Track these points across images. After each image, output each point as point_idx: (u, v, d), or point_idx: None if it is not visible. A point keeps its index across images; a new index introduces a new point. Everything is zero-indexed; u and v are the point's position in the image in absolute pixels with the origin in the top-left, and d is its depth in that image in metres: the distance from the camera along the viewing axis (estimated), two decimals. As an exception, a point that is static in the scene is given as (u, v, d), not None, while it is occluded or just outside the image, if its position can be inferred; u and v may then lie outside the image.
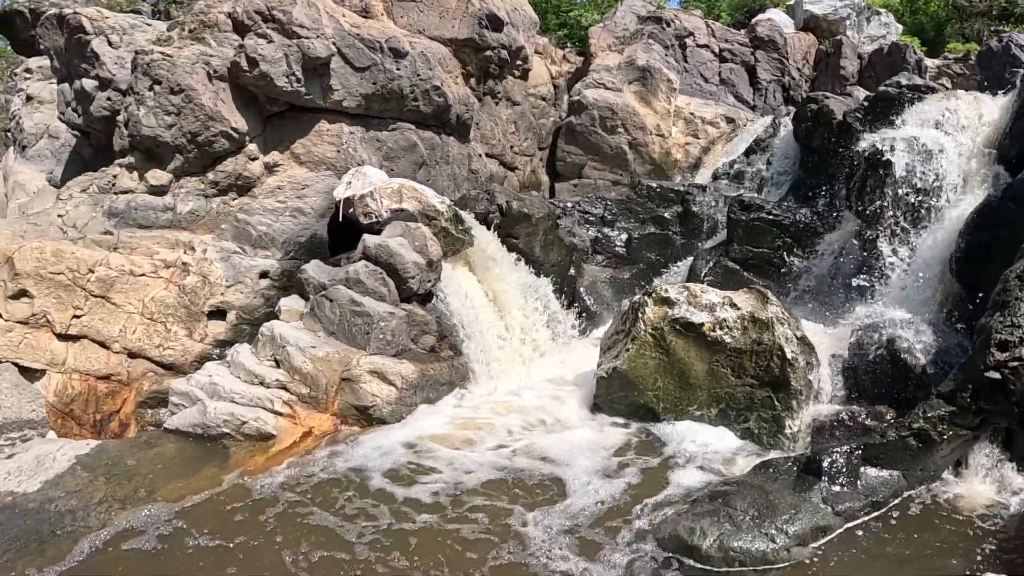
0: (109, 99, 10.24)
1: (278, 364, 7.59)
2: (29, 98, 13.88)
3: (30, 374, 8.47)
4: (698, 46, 15.22)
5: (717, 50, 15.39)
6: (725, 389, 6.85)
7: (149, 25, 11.42)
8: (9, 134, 14.77)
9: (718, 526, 4.90)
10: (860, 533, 5.11)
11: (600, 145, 13.08)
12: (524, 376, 8.65)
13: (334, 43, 9.39)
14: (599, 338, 9.77)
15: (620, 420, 7.22)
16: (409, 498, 5.87)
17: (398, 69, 9.78)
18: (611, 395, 7.31)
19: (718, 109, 14.44)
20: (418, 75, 9.92)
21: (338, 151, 9.45)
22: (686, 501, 5.46)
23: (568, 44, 15.77)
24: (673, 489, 5.79)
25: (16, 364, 8.43)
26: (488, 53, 11.23)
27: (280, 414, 7.26)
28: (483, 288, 9.03)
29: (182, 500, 5.99)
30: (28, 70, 14.52)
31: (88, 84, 10.47)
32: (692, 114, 14.07)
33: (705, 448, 6.55)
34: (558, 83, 13.96)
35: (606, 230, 11.41)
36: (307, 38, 9.16)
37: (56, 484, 6.31)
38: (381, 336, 7.72)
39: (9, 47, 17.49)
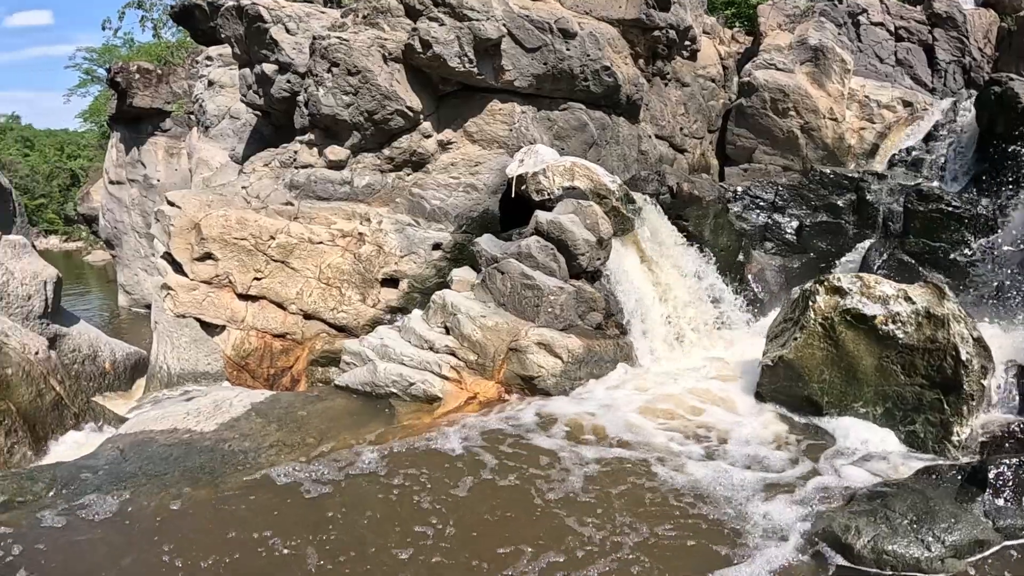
0: (288, 81, 10.74)
1: (448, 331, 7.74)
2: (210, 83, 14.83)
3: (210, 329, 9.15)
4: (872, 24, 14.24)
5: (892, 28, 14.34)
6: (893, 387, 6.43)
7: (323, 12, 11.88)
8: (193, 116, 15.87)
9: (874, 527, 4.69)
10: (1019, 553, 4.68)
11: (771, 128, 12.50)
12: (687, 359, 8.47)
13: (504, 24, 9.42)
14: (764, 327, 9.39)
15: (782, 410, 6.95)
16: (569, 465, 5.85)
17: (568, 50, 9.71)
18: (775, 384, 7.05)
19: (894, 92, 13.50)
20: (587, 55, 9.81)
21: (510, 130, 9.51)
22: (843, 498, 5.26)
23: (736, 24, 15.13)
24: (831, 485, 5.55)
25: (198, 320, 9.13)
26: (656, 33, 10.98)
27: (447, 378, 7.42)
28: (650, 269, 8.85)
29: (349, 449, 6.19)
30: (209, 57, 15.52)
31: (268, 68, 11.03)
32: (867, 97, 13.21)
33: (866, 447, 6.23)
34: (727, 64, 13.46)
35: (776, 216, 10.95)
36: (477, 20, 9.23)
37: (231, 426, 6.74)
38: (550, 310, 7.69)
39: (189, 38, 18.75)
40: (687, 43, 11.81)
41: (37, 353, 8.40)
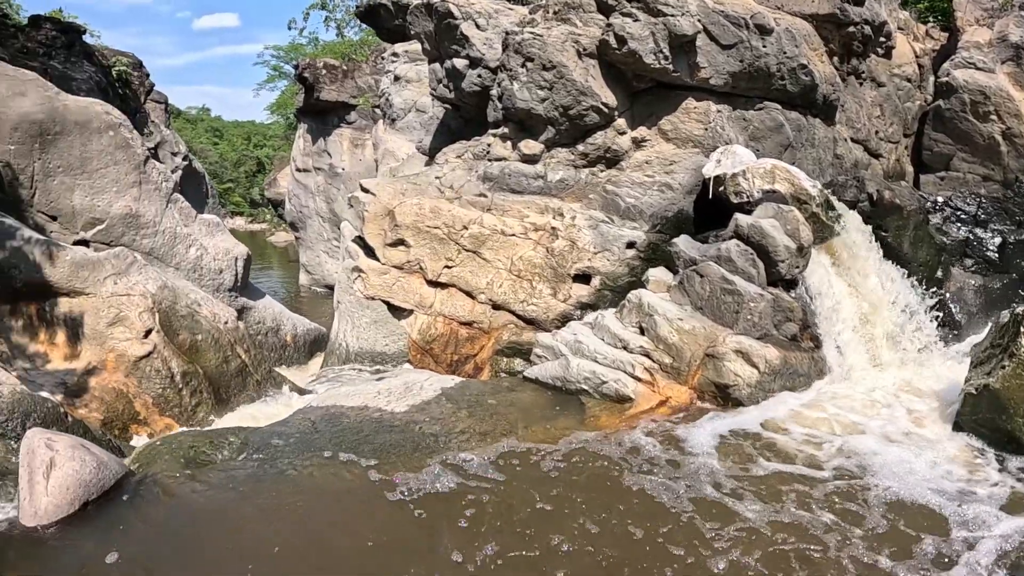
0: (479, 76, 11.08)
1: (642, 332, 7.77)
2: (397, 78, 15.56)
3: (397, 312, 9.58)
4: (1076, 19, 13.00)
5: (1102, 25, 13.03)
6: (1102, 429, 5.86)
7: (511, 9, 12.16)
8: (378, 109, 16.70)
9: (1068, 577, 4.34)
10: None
11: (970, 133, 11.65)
12: (881, 379, 8.08)
13: (699, 20, 9.32)
14: (960, 350, 8.85)
15: (982, 444, 6.50)
16: (767, 483, 5.73)
17: (764, 46, 9.49)
18: (976, 415, 6.59)
19: (1107, 98, 12.28)
20: (784, 52, 9.55)
21: (705, 129, 9.41)
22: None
23: (930, 18, 14.17)
24: (1026, 530, 5.16)
25: (387, 302, 9.56)
26: (850, 29, 10.51)
27: (640, 379, 7.44)
28: (848, 281, 8.52)
29: (541, 442, 6.28)
30: (395, 54, 16.27)
31: (459, 63, 11.41)
32: (1074, 103, 12.08)
33: (1067, 492, 5.73)
34: (922, 62, 12.60)
35: (978, 231, 10.30)
36: (672, 16, 9.18)
37: (421, 409, 6.98)
38: (749, 317, 7.59)
39: (372, 36, 19.72)
40: (882, 39, 11.25)
41: (226, 322, 9.13)
